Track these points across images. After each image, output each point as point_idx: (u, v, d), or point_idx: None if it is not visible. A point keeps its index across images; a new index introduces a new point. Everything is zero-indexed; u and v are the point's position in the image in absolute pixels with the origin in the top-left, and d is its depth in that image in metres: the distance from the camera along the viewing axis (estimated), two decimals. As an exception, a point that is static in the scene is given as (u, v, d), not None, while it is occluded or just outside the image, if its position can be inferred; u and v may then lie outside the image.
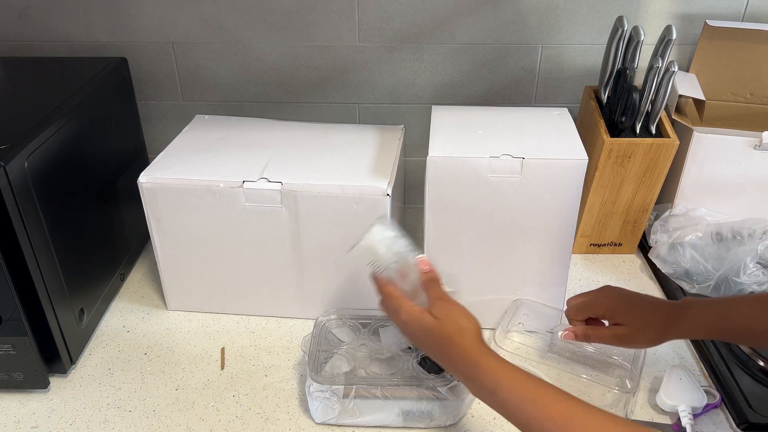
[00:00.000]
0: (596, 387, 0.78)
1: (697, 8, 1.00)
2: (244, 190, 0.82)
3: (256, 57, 1.07)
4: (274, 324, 0.92)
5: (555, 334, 0.86)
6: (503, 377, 0.60)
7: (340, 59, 1.06)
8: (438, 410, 0.74)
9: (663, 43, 0.90)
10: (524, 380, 0.60)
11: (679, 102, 0.99)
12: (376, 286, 0.71)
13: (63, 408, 0.79)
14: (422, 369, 0.76)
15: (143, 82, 1.09)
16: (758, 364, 0.80)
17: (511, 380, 0.60)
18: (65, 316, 0.81)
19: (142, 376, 0.83)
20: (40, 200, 0.75)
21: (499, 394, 0.59)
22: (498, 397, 0.60)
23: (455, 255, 0.85)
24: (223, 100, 1.11)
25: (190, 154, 0.89)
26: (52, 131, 0.78)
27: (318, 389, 0.73)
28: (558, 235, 0.83)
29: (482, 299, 0.88)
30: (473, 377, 0.62)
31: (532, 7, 1.00)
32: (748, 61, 0.97)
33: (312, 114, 1.12)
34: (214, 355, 0.87)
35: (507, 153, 0.78)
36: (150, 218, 0.86)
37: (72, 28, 1.05)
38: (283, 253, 0.87)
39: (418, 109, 1.10)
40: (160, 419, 0.77)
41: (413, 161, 1.12)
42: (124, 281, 1.01)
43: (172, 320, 0.93)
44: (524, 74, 1.06)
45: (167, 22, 1.04)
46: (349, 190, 0.81)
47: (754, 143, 0.94)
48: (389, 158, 0.87)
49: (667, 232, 0.98)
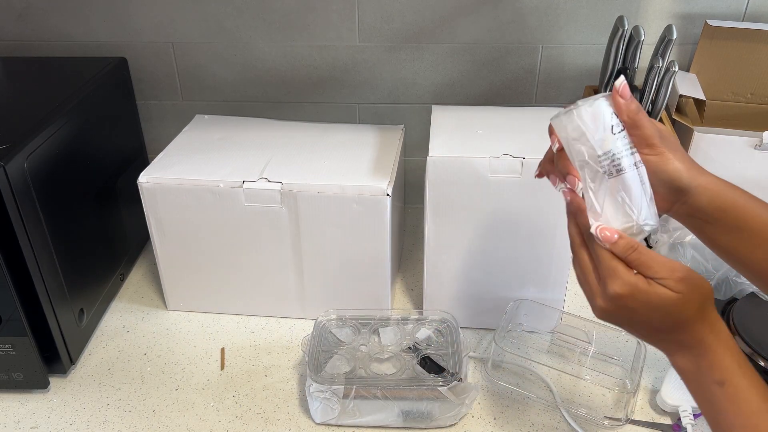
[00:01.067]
0: (596, 387, 0.78)
1: (698, 8, 1.00)
2: (243, 190, 0.82)
3: (256, 57, 1.07)
4: (274, 324, 0.92)
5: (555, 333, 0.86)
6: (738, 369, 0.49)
7: (340, 59, 1.06)
8: (438, 410, 0.74)
9: (663, 42, 0.89)
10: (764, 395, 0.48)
11: (680, 102, 0.98)
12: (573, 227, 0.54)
13: (63, 408, 0.79)
14: (422, 369, 0.76)
15: (143, 82, 1.09)
16: (758, 364, 0.80)
17: (749, 382, 0.49)
18: (65, 316, 0.81)
19: (141, 376, 0.83)
20: (39, 200, 0.75)
21: (728, 391, 0.49)
22: (726, 393, 0.49)
23: (455, 255, 0.85)
24: (223, 100, 1.11)
25: (190, 154, 0.89)
26: (52, 131, 0.78)
27: (318, 389, 0.73)
28: (558, 235, 0.82)
29: (482, 299, 0.88)
30: (699, 356, 0.50)
31: (533, 7, 1.00)
32: (748, 61, 0.97)
33: (312, 114, 1.12)
34: (214, 355, 0.87)
35: (507, 153, 0.78)
36: (150, 218, 0.86)
37: (72, 28, 1.05)
38: (283, 253, 0.87)
39: (418, 109, 1.10)
40: (160, 419, 0.77)
41: (413, 161, 1.12)
42: (124, 281, 1.00)
43: (172, 320, 0.93)
44: (524, 74, 1.06)
45: (167, 22, 1.04)
46: (349, 190, 0.81)
47: (755, 143, 0.94)
48: (389, 158, 0.87)
49: (667, 231, 0.98)
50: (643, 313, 0.50)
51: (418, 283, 0.99)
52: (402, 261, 1.05)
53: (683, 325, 0.50)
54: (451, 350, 0.79)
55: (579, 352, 0.83)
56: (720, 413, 0.49)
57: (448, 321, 0.83)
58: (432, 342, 0.81)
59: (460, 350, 0.78)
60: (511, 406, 0.78)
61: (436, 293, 0.89)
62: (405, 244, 1.09)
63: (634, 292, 0.49)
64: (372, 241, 0.84)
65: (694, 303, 0.49)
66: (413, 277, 1.01)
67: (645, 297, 0.49)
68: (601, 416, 0.76)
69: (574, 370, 0.81)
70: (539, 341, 0.86)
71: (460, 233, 0.84)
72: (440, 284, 0.88)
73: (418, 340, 0.81)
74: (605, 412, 0.77)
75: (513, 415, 0.77)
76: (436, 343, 0.81)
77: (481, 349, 0.88)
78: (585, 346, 0.83)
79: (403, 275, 1.02)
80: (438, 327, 0.83)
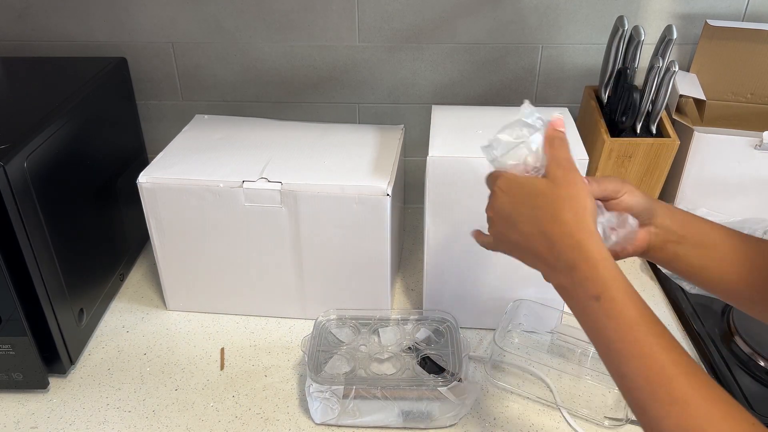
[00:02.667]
0: (597, 387, 0.78)
1: (698, 8, 1.00)
2: (243, 190, 0.82)
3: (256, 57, 1.06)
4: (273, 324, 0.92)
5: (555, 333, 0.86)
6: (613, 283, 0.48)
7: (340, 59, 1.06)
8: (438, 410, 0.74)
9: (663, 42, 0.89)
10: (640, 308, 0.47)
11: (680, 102, 0.98)
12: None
13: (62, 408, 0.79)
14: (422, 369, 0.76)
15: (143, 82, 1.09)
16: (758, 364, 0.80)
17: (625, 295, 0.47)
18: (65, 316, 0.81)
19: (141, 376, 0.83)
20: (39, 200, 0.75)
21: (604, 305, 0.48)
22: (602, 307, 0.48)
23: (455, 255, 0.85)
24: (223, 100, 1.11)
25: (189, 154, 0.89)
26: (52, 131, 0.78)
27: (318, 389, 0.73)
28: (558, 235, 0.82)
29: (482, 299, 0.88)
30: (574, 267, 0.49)
31: (532, 6, 1.00)
32: (748, 61, 0.96)
33: (312, 114, 1.12)
34: (214, 355, 0.87)
35: (507, 153, 0.78)
36: (150, 218, 0.86)
37: (72, 27, 1.05)
38: (283, 253, 0.87)
39: (418, 109, 1.10)
40: (160, 419, 0.77)
41: (413, 161, 1.12)
42: (124, 281, 1.00)
43: (172, 320, 0.93)
44: (524, 74, 1.06)
45: (167, 21, 1.04)
46: (349, 190, 0.81)
47: (755, 143, 0.94)
48: (389, 158, 0.87)
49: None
50: (519, 204, 0.53)
51: (418, 283, 0.99)
52: (402, 261, 1.04)
53: (557, 220, 0.51)
54: (451, 350, 0.79)
55: (579, 352, 0.83)
56: (599, 330, 0.48)
57: (448, 321, 0.83)
58: (432, 342, 0.81)
59: (460, 350, 0.77)
60: (511, 406, 0.78)
61: (436, 293, 0.89)
62: (405, 244, 1.09)
63: (510, 184, 0.54)
64: (372, 241, 0.84)
65: (570, 197, 0.51)
66: (413, 277, 1.01)
67: (518, 185, 0.54)
68: (601, 416, 0.76)
69: (574, 370, 0.81)
70: (539, 341, 0.86)
71: (460, 233, 0.83)
72: (440, 284, 0.88)
73: (418, 340, 0.81)
74: (605, 412, 0.77)
75: (513, 415, 0.77)
76: (436, 343, 0.81)
77: (481, 350, 0.88)
78: (585, 346, 0.83)
79: (403, 275, 1.02)
80: (438, 327, 0.83)
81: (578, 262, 0.50)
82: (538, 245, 0.53)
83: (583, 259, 0.50)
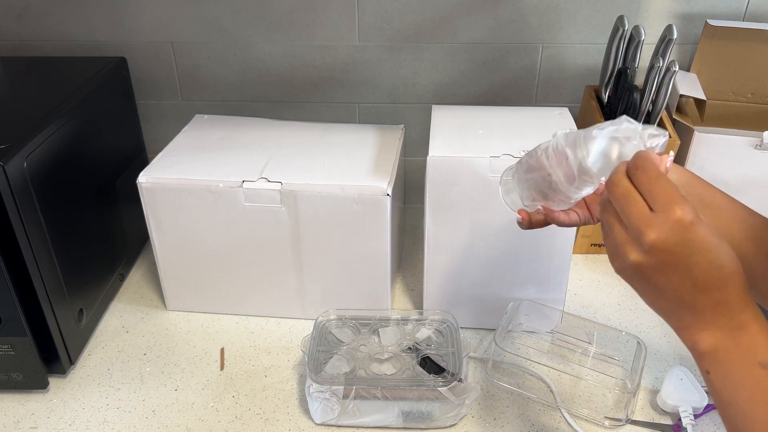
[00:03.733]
0: (597, 388, 0.78)
1: (698, 8, 1.00)
2: (243, 189, 0.82)
3: (256, 57, 1.06)
4: (273, 324, 0.92)
5: (555, 334, 0.86)
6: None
7: (340, 59, 1.06)
8: (438, 410, 0.74)
9: (664, 42, 0.89)
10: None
11: (680, 102, 0.98)
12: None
13: (62, 408, 0.79)
14: (422, 369, 0.76)
15: (142, 82, 1.09)
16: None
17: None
18: (64, 316, 0.81)
19: (141, 376, 0.83)
20: (39, 200, 0.75)
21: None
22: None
23: (455, 255, 0.85)
24: (223, 100, 1.11)
25: (189, 153, 0.89)
26: (52, 131, 0.78)
27: (318, 390, 0.73)
28: (558, 235, 0.82)
29: (482, 299, 0.88)
30: (742, 328, 0.44)
31: (533, 6, 1.00)
32: (749, 61, 0.96)
33: (312, 114, 1.11)
34: (214, 355, 0.87)
35: (507, 153, 0.78)
36: (149, 218, 0.86)
37: (71, 27, 1.05)
38: (283, 253, 0.87)
39: (418, 108, 1.10)
40: (160, 420, 0.77)
41: (413, 161, 1.12)
42: (124, 281, 1.00)
43: (172, 320, 0.93)
44: (525, 74, 1.06)
45: (166, 21, 1.04)
46: (349, 190, 0.81)
47: (755, 143, 0.93)
48: (389, 158, 0.87)
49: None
50: (683, 257, 0.43)
51: (418, 283, 0.99)
52: (402, 261, 1.04)
53: (730, 281, 0.43)
54: (451, 350, 0.79)
55: (579, 352, 0.83)
56: (764, 399, 0.43)
57: (448, 321, 0.83)
58: (432, 342, 0.81)
59: (460, 350, 0.77)
60: (512, 407, 0.78)
61: (436, 293, 0.89)
62: (405, 244, 1.08)
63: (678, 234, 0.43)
64: (372, 241, 0.84)
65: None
66: (413, 277, 1.01)
67: (690, 237, 0.42)
68: (602, 416, 0.76)
69: (575, 370, 0.81)
70: (539, 341, 0.86)
71: (460, 233, 0.83)
72: (440, 284, 0.88)
73: (418, 340, 0.81)
74: (605, 412, 0.77)
75: (513, 415, 0.77)
76: (436, 344, 0.81)
77: (481, 350, 0.87)
78: (585, 347, 0.83)
79: (403, 275, 1.02)
80: (438, 327, 0.83)
81: (744, 325, 0.44)
82: (691, 308, 0.45)
83: (751, 325, 0.44)
